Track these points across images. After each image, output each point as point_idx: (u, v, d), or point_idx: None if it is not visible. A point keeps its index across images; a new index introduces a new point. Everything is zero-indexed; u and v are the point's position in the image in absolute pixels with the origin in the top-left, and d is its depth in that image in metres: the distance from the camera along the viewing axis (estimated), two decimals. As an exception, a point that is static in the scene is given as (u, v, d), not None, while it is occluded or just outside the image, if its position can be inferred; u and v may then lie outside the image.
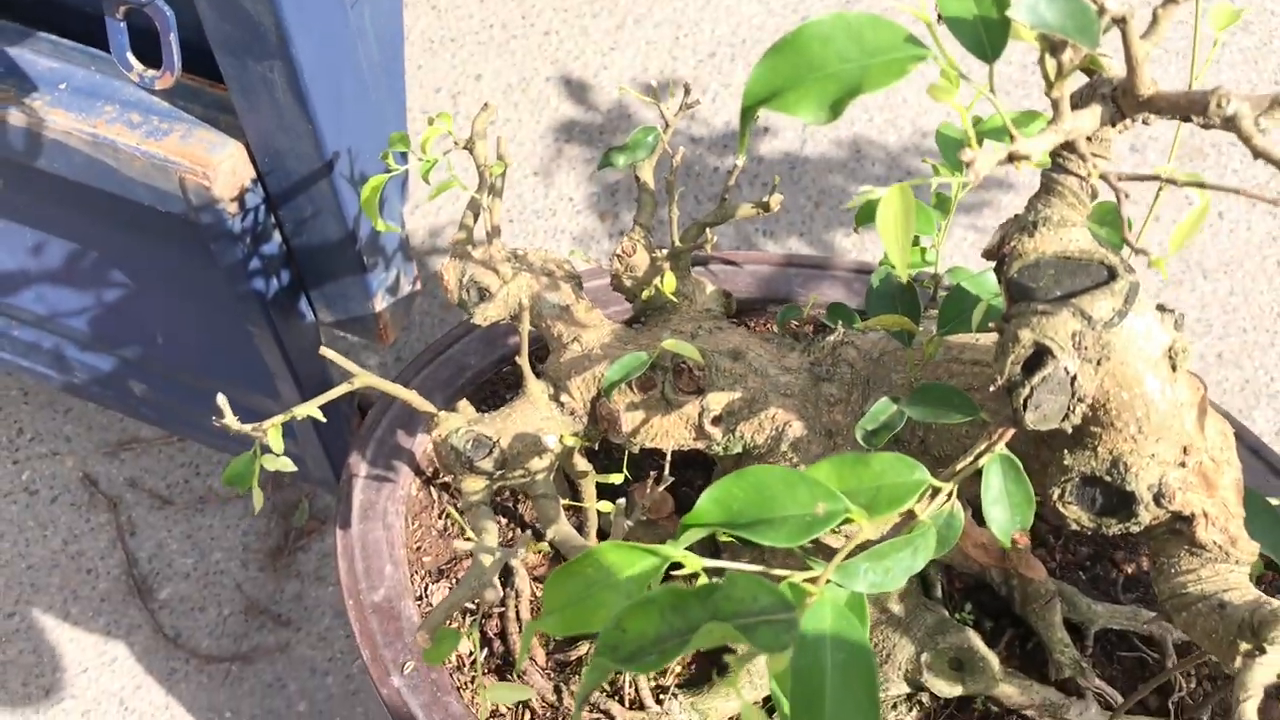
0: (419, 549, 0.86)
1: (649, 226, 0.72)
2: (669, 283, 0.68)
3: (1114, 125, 0.49)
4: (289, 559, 1.68)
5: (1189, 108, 0.44)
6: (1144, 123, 0.54)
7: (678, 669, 0.81)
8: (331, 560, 1.61)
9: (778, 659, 0.38)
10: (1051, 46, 0.42)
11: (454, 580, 0.85)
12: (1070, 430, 0.54)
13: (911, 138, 1.91)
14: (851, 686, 0.41)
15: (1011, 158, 0.42)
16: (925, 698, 0.80)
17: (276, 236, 1.03)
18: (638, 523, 0.71)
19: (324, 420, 0.75)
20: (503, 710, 0.79)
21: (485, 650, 0.82)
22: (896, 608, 0.78)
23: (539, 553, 0.83)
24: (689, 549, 0.46)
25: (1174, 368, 0.52)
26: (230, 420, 0.67)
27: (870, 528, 0.48)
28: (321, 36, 0.87)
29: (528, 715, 0.79)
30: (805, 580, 0.45)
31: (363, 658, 0.80)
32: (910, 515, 0.51)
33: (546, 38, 2.08)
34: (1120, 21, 0.42)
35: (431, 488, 0.89)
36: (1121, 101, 0.47)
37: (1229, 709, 0.79)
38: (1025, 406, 0.50)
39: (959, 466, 0.53)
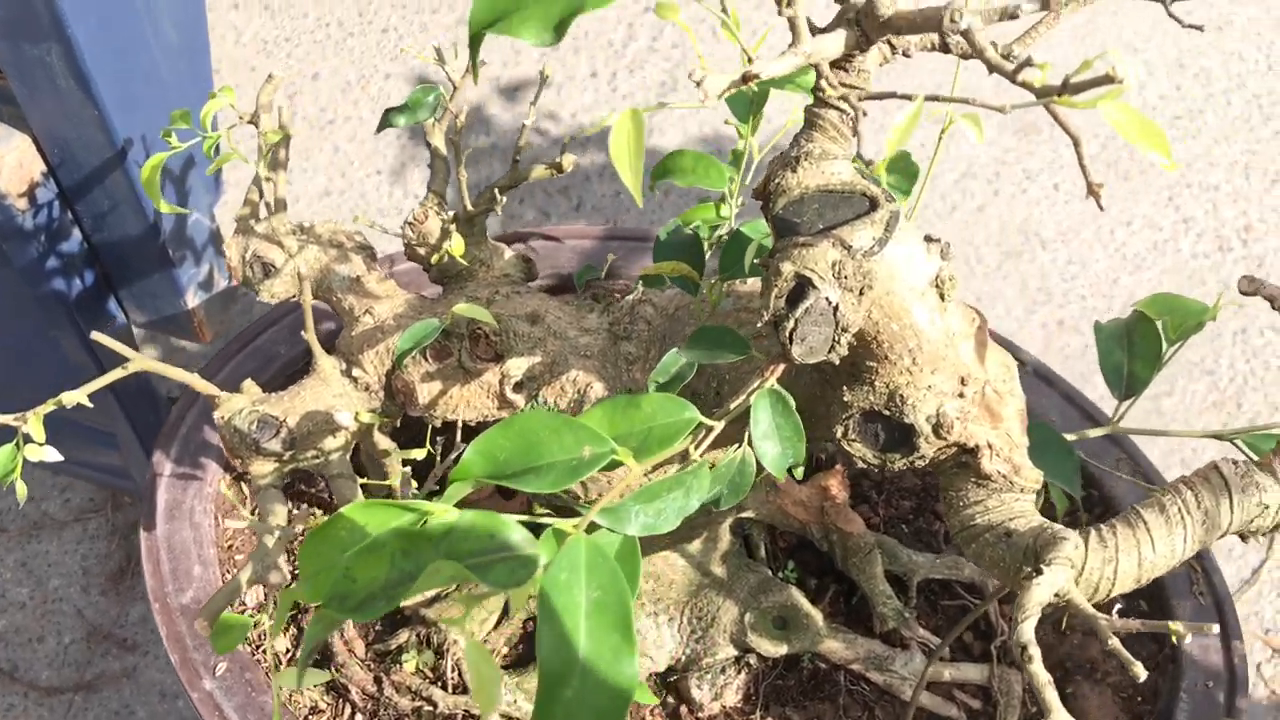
0: (230, 547, 0.83)
1: (442, 193, 0.70)
2: (457, 246, 0.67)
3: (863, 50, 0.49)
4: (132, 581, 1.61)
5: (925, 25, 0.45)
6: (905, 53, 0.55)
7: (505, 650, 0.79)
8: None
9: (519, 594, 0.37)
10: (775, -37, 0.42)
11: (270, 576, 0.82)
12: (844, 364, 0.54)
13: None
14: (606, 623, 0.40)
15: (745, 79, 0.41)
16: (753, 659, 0.80)
17: (76, 233, 0.98)
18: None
19: (136, 425, 0.71)
20: (321, 706, 0.76)
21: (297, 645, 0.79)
22: (719, 570, 0.78)
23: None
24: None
25: (942, 296, 0.53)
26: (-6, 413, 0.63)
27: (639, 469, 0.47)
28: (102, 16, 0.84)
29: (347, 709, 0.77)
30: (575, 524, 0.44)
31: (173, 662, 0.77)
32: (685, 457, 0.50)
33: (385, 35, 2.04)
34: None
35: (243, 483, 0.86)
36: (865, 24, 0.47)
37: (1053, 650, 0.80)
38: (791, 340, 0.49)
39: (733, 404, 0.52)
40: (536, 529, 0.42)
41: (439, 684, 0.77)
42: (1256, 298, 0.62)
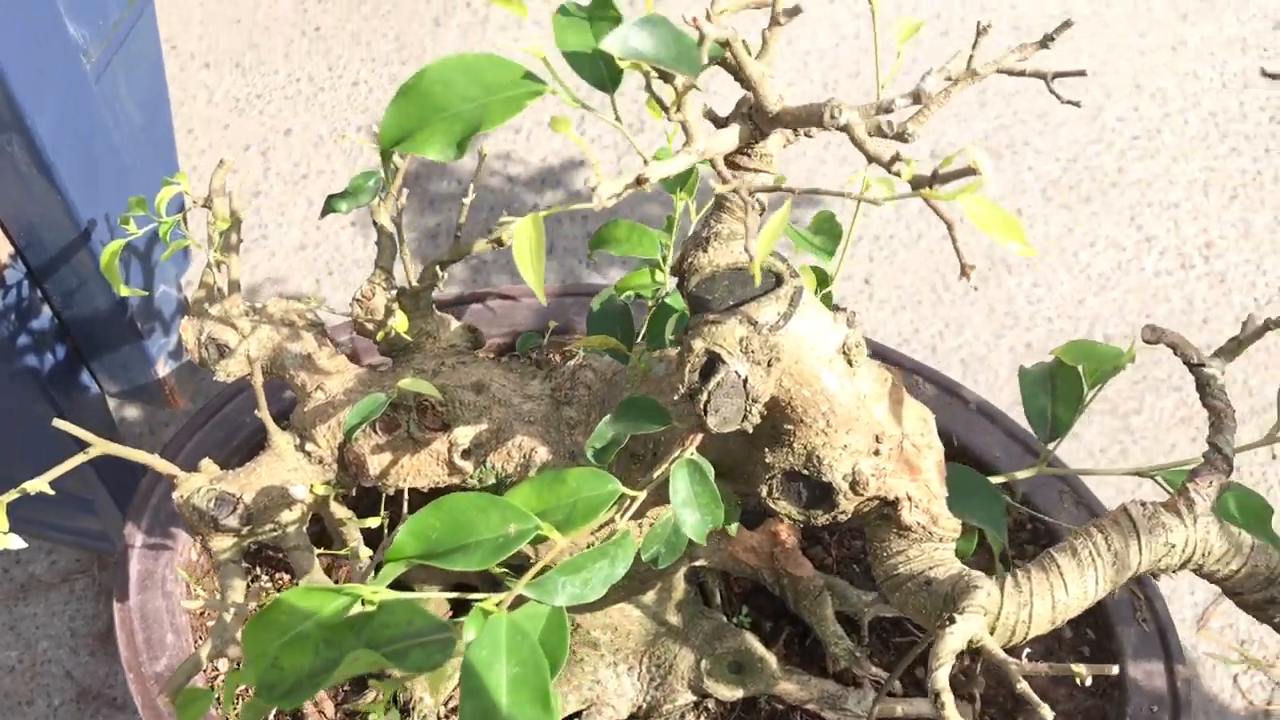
0: (203, 614, 0.86)
1: (389, 269, 0.73)
2: (401, 324, 0.70)
3: (759, 141, 0.52)
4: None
5: (810, 120, 0.48)
6: (807, 134, 0.58)
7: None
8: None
9: (436, 678, 0.40)
10: (662, 75, 0.45)
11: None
12: (765, 428, 0.57)
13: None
14: (525, 697, 0.43)
15: (638, 182, 0.45)
16: (711, 704, 0.83)
17: (46, 310, 1.01)
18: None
19: (116, 494, 0.74)
20: (293, 766, 0.79)
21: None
22: (674, 619, 0.81)
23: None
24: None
25: (850, 362, 0.56)
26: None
27: (565, 541, 0.50)
28: (62, 105, 0.87)
29: (319, 768, 0.79)
30: (499, 601, 0.47)
31: (146, 727, 0.80)
32: (610, 526, 0.54)
33: (355, 88, 2.09)
34: (725, 45, 0.45)
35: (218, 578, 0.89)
36: (757, 118, 0.50)
37: (1003, 681, 0.83)
38: (706, 411, 0.53)
39: (655, 474, 0.56)
40: (467, 605, 0.45)
41: (404, 741, 0.79)
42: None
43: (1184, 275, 1.97)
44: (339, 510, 0.72)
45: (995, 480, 0.74)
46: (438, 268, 0.71)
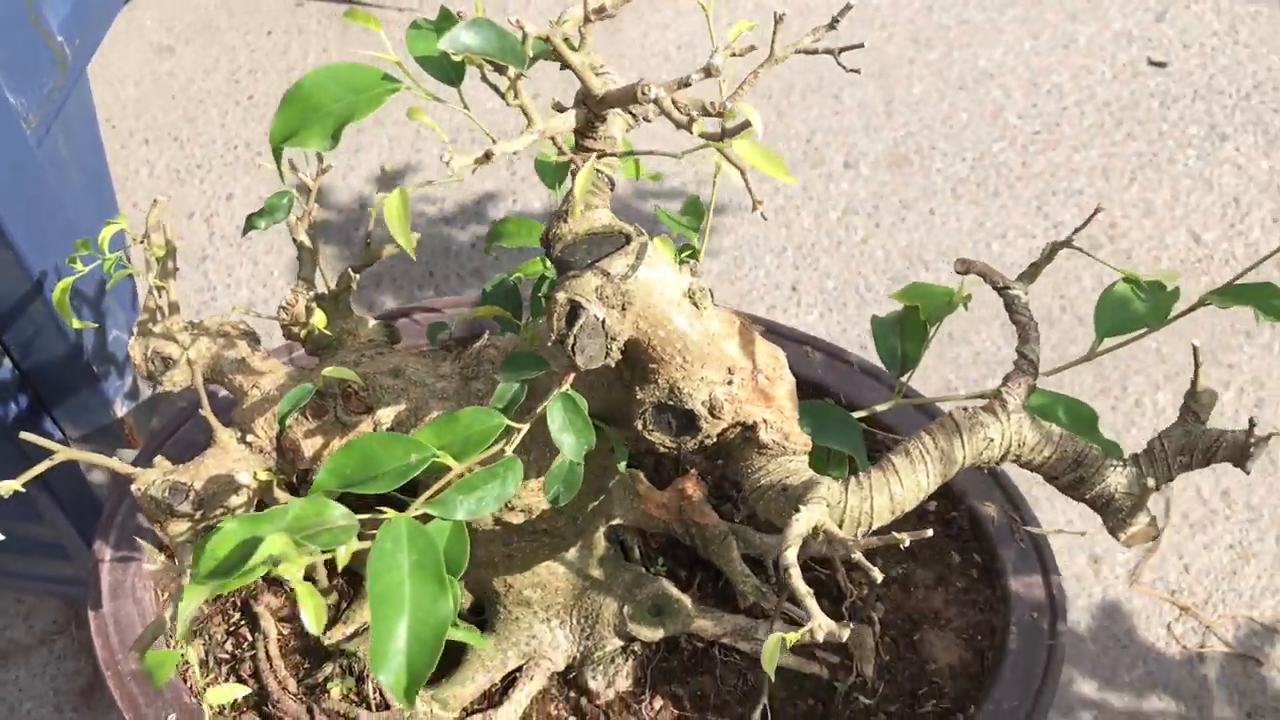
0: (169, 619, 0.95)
1: (310, 279, 0.84)
2: (319, 320, 0.81)
3: (599, 123, 0.64)
4: (102, 693, 1.71)
5: (629, 99, 0.60)
6: (645, 119, 0.70)
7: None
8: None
9: (346, 552, 0.51)
10: (497, 67, 0.56)
11: (207, 637, 0.95)
12: (636, 369, 0.68)
13: (634, 185, 2.08)
14: (425, 576, 0.53)
15: (486, 157, 0.56)
16: (638, 646, 0.93)
17: (6, 362, 1.11)
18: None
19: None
20: (262, 739, 0.89)
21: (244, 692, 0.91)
22: (597, 573, 0.91)
23: (279, 596, 0.94)
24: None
25: (696, 305, 0.67)
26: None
27: (460, 467, 0.61)
28: (7, 168, 0.98)
29: (286, 738, 0.89)
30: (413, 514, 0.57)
31: (125, 716, 0.89)
32: (500, 454, 0.64)
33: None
34: (547, 41, 0.57)
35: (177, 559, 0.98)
36: (589, 103, 0.62)
37: (900, 605, 0.94)
38: (574, 352, 0.64)
39: (538, 409, 0.67)
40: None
41: (363, 705, 0.89)
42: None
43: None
44: (281, 494, 0.82)
45: (861, 414, 0.85)
46: (351, 272, 0.82)
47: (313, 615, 0.52)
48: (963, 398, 0.86)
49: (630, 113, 0.67)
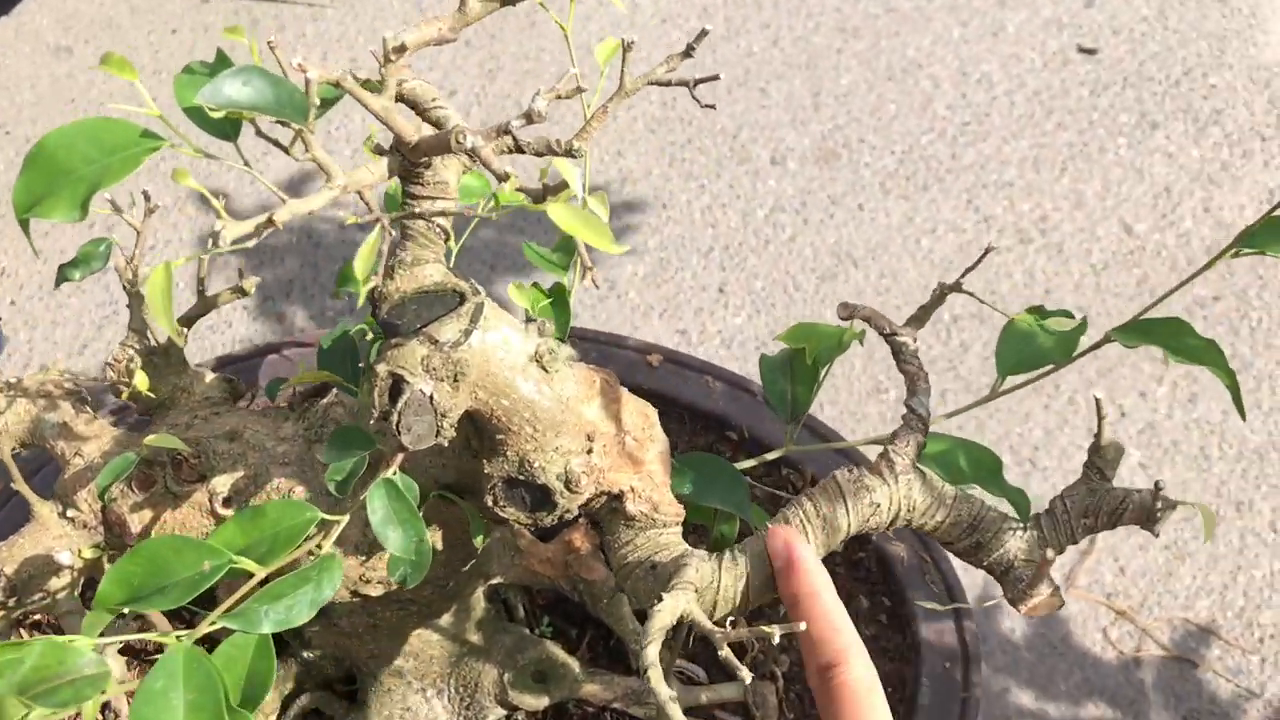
0: None
1: (141, 330, 0.76)
2: (142, 382, 0.72)
3: (419, 170, 0.56)
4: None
5: (442, 147, 0.51)
6: (483, 165, 0.62)
7: None
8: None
9: (92, 709, 0.43)
10: (281, 121, 0.48)
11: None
12: (485, 441, 0.61)
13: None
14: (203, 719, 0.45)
15: (269, 222, 0.48)
16: (521, 716, 0.85)
17: None
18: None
19: None
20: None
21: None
22: (475, 637, 0.83)
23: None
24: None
25: (545, 369, 0.59)
26: None
27: (263, 572, 0.53)
28: None
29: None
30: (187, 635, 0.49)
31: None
32: (311, 552, 0.56)
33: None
34: (337, 86, 0.48)
35: (22, 630, 0.89)
36: (402, 150, 0.54)
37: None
38: (399, 430, 0.56)
39: (361, 497, 0.58)
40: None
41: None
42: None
43: (1024, 250, 2.04)
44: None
45: (748, 464, 0.78)
46: (178, 325, 0.73)
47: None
48: (864, 442, 0.79)
49: (469, 154, 0.58)
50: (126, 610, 0.52)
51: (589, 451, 0.62)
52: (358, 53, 2.19)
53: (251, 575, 0.53)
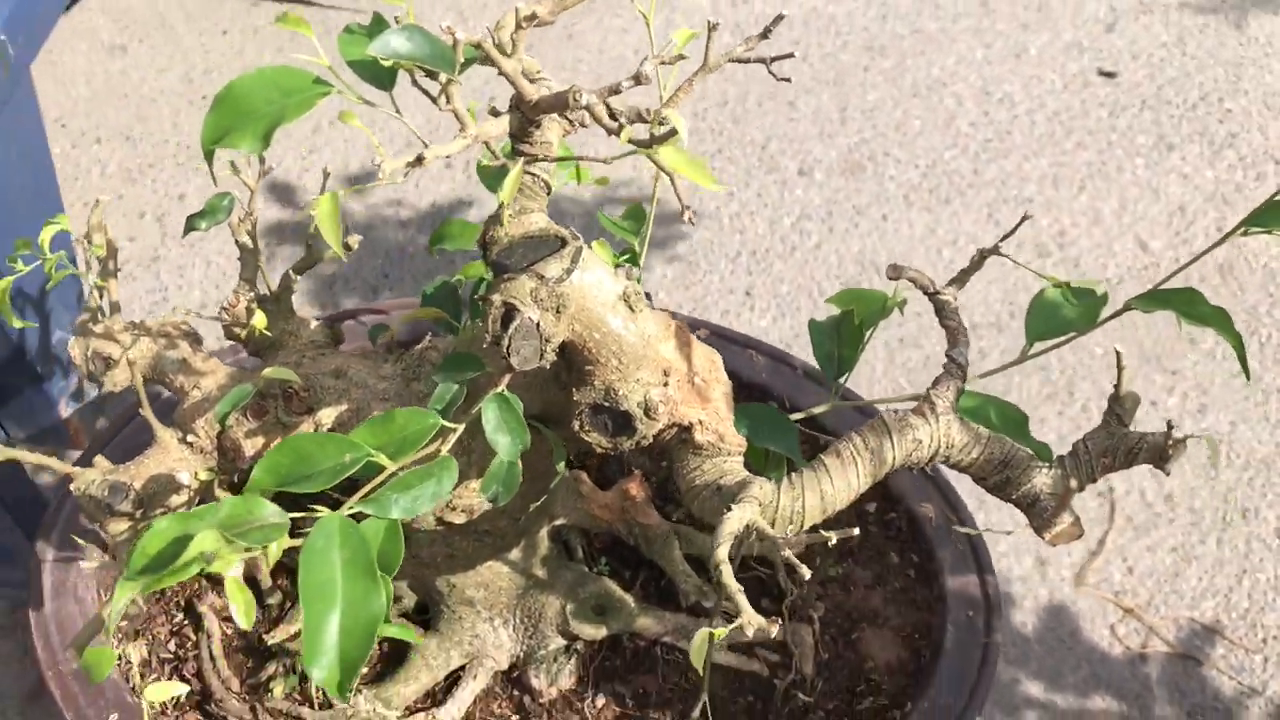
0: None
1: (251, 280, 0.85)
2: (260, 321, 0.82)
3: (533, 128, 0.65)
4: (48, 699, 1.69)
5: (561, 105, 0.61)
6: (582, 124, 0.71)
7: (364, 669, 0.93)
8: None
9: (276, 549, 0.52)
10: (428, 72, 0.58)
11: (151, 638, 0.95)
12: (573, 371, 0.70)
13: (604, 193, 2.09)
14: (357, 573, 0.54)
15: (419, 160, 0.57)
16: (580, 645, 0.94)
17: (-52, 359, 1.11)
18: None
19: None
20: (204, 739, 0.89)
21: (187, 690, 0.91)
22: (540, 572, 0.92)
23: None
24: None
25: (631, 308, 0.69)
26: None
27: (394, 467, 0.62)
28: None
29: (228, 738, 0.89)
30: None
31: (65, 716, 0.89)
32: (435, 453, 0.65)
33: (244, 151, 2.19)
34: (479, 47, 0.58)
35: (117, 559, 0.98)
36: (522, 108, 0.63)
37: (840, 604, 0.96)
38: (509, 353, 0.65)
39: (474, 409, 0.68)
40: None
41: (306, 704, 0.90)
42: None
43: (1042, 264, 2.13)
44: (221, 494, 0.82)
45: (798, 416, 0.87)
46: (292, 273, 0.83)
47: (242, 611, 0.53)
48: (898, 399, 0.88)
49: (566, 118, 0.68)
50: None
51: (665, 384, 0.71)
52: (402, 57, 2.29)
53: (384, 470, 0.62)
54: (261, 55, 2.33)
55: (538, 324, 0.65)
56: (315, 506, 0.58)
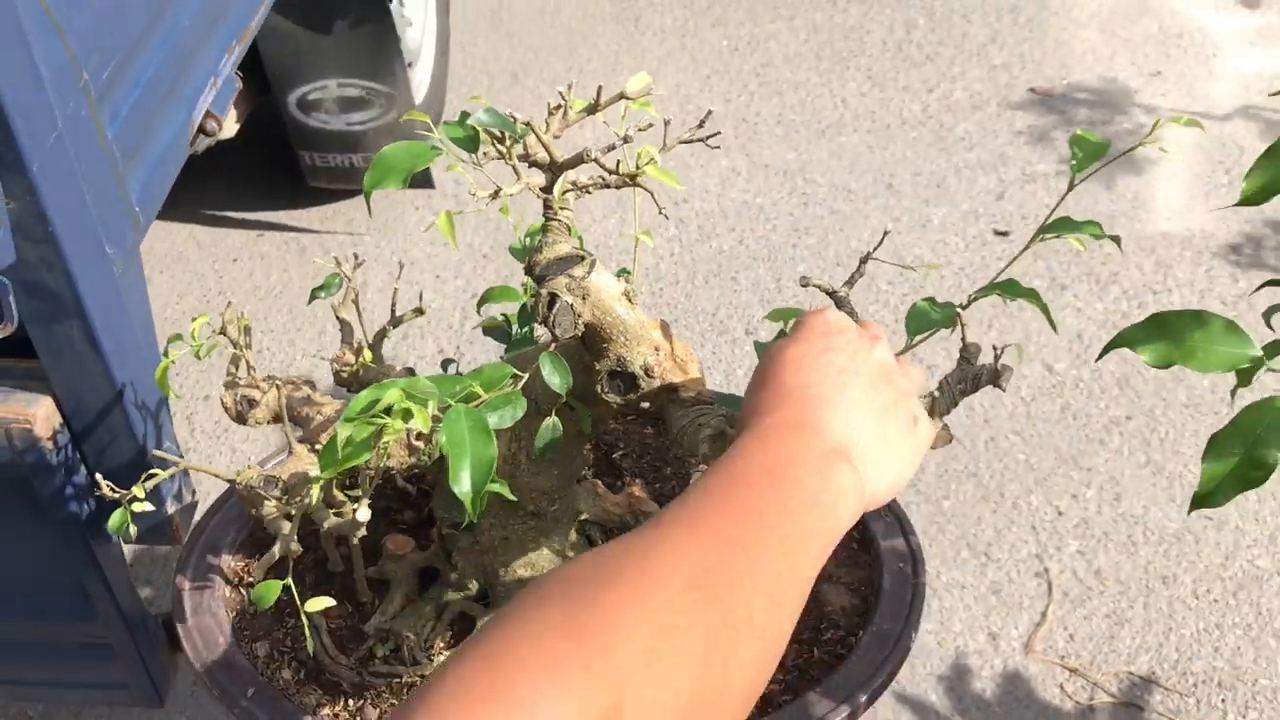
0: (240, 627, 1.28)
1: (351, 344, 1.23)
2: (367, 356, 1.19)
3: (554, 181, 1.06)
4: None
5: (579, 162, 1.02)
6: (587, 190, 1.12)
7: (449, 636, 1.25)
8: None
9: (431, 408, 0.88)
10: (494, 138, 0.99)
11: (271, 636, 1.27)
12: (592, 348, 1.08)
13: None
14: (477, 436, 0.91)
15: (498, 192, 0.97)
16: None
17: (82, 467, 1.46)
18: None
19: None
20: (323, 700, 1.20)
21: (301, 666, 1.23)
22: (572, 555, 1.27)
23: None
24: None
25: (630, 301, 1.07)
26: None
27: (486, 396, 0.99)
28: (103, 300, 1.37)
29: (342, 697, 1.21)
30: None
31: (215, 695, 1.20)
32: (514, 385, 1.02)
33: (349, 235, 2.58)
34: (527, 124, 0.99)
35: (240, 589, 1.32)
36: (553, 167, 1.04)
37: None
38: (553, 327, 1.03)
39: (530, 370, 1.05)
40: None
41: (401, 663, 1.22)
42: (819, 291, 1.19)
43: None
44: (338, 493, 1.17)
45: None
46: (389, 326, 1.21)
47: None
48: (823, 386, 1.26)
49: (573, 184, 1.09)
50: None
51: (656, 353, 1.09)
52: (392, 268, 2.74)
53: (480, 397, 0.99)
54: (269, 277, 2.76)
55: (571, 305, 1.03)
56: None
